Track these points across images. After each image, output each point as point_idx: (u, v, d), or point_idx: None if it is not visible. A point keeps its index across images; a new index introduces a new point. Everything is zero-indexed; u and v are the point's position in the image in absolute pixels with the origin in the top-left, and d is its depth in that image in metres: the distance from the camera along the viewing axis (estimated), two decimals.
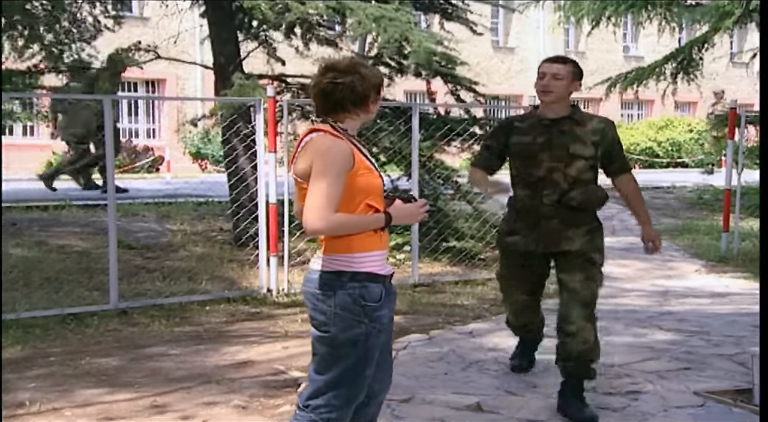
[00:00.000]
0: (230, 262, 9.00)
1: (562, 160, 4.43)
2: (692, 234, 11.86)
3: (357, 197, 3.03)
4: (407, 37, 8.77)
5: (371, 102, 3.10)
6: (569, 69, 4.45)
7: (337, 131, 3.06)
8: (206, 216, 11.53)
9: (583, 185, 4.44)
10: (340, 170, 2.96)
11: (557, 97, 4.43)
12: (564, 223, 4.47)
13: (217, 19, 9.73)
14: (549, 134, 4.46)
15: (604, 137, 4.46)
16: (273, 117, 7.81)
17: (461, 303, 7.75)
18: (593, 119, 4.50)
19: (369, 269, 3.06)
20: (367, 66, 3.14)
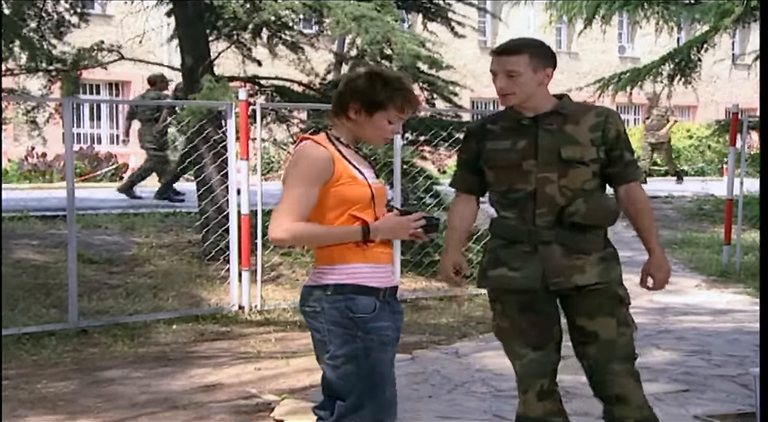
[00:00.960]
0: (199, 277, 8.96)
1: (553, 168, 3.61)
2: (692, 247, 11.91)
3: (339, 207, 3.11)
4: (390, 38, 8.78)
5: (353, 111, 3.19)
6: (526, 59, 3.58)
7: (328, 139, 3.19)
8: (173, 228, 11.47)
9: (586, 196, 3.63)
10: (311, 179, 3.08)
11: (521, 99, 3.62)
12: (568, 249, 3.64)
13: (184, 18, 9.71)
14: (531, 135, 3.64)
15: (605, 133, 3.65)
16: (245, 122, 7.80)
17: (446, 321, 7.75)
18: (589, 111, 3.70)
19: (355, 281, 3.12)
20: (362, 75, 3.23)
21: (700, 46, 14.29)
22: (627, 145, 3.72)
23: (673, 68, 14.47)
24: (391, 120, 3.21)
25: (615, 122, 3.69)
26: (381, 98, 3.17)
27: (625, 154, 3.70)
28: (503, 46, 3.66)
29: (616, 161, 3.69)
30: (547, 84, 3.66)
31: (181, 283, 8.72)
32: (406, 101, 3.22)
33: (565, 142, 3.62)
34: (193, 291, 8.49)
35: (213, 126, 9.34)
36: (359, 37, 9.01)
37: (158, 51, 20.15)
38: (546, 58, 3.65)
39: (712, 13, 13.92)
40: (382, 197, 3.25)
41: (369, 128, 3.21)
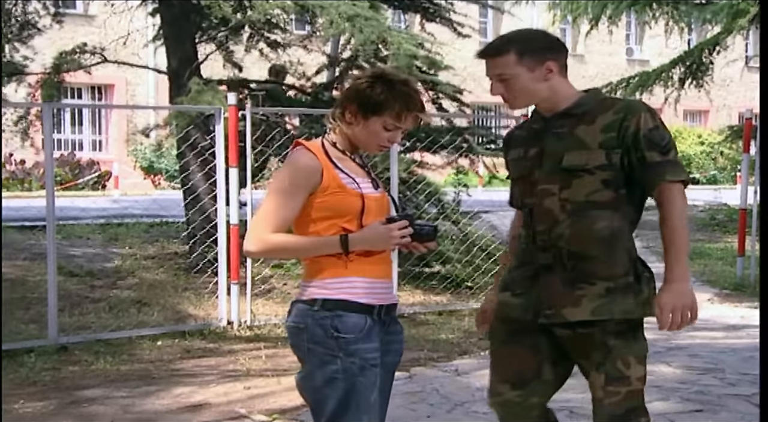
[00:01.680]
0: (185, 291, 8.95)
1: (555, 178, 3.29)
2: (704, 259, 11.91)
3: (327, 219, 3.04)
4: (385, 38, 8.80)
5: (349, 113, 3.09)
6: (513, 58, 3.25)
7: (322, 145, 3.11)
8: (159, 239, 11.47)
9: (589, 212, 3.25)
10: (294, 188, 3.01)
11: (525, 102, 3.35)
12: (571, 275, 3.27)
13: (171, 18, 9.72)
14: (541, 141, 3.36)
15: (622, 133, 3.22)
16: (235, 128, 7.79)
17: (445, 337, 7.73)
18: (612, 107, 3.28)
19: (346, 296, 3.04)
20: (367, 74, 3.14)
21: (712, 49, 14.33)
22: (653, 143, 3.21)
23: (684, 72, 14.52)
24: (387, 126, 3.07)
25: (636, 119, 3.22)
26: (377, 101, 3.05)
27: (649, 154, 3.20)
28: (486, 48, 3.32)
29: (638, 164, 3.22)
30: (555, 78, 3.28)
31: (166, 297, 8.70)
32: (405, 107, 3.06)
33: (571, 147, 3.27)
34: (179, 306, 8.47)
35: (201, 132, 9.35)
36: (353, 37, 9.03)
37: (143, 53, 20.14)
38: (542, 50, 3.28)
39: (724, 13, 13.96)
40: (381, 208, 3.13)
41: (363, 134, 3.09)
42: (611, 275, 3.23)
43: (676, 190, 3.20)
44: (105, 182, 22.22)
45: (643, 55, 32.56)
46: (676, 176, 3.21)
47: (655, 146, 3.22)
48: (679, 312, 3.13)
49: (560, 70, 3.30)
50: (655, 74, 14.58)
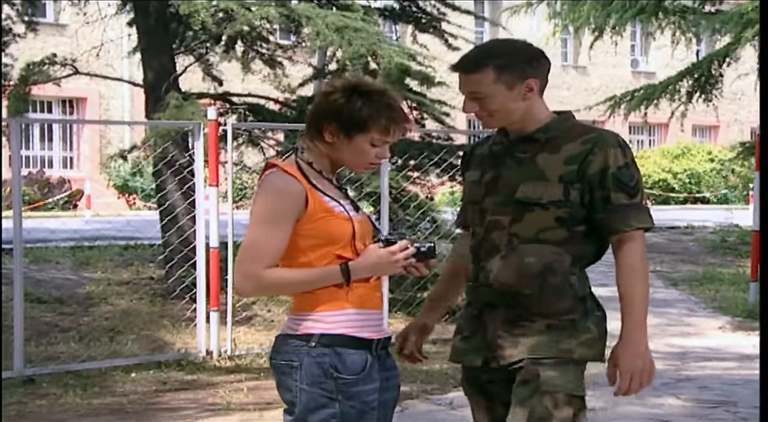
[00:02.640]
0: (162, 318, 8.92)
1: (507, 209, 3.16)
2: (715, 284, 11.93)
3: (319, 247, 2.95)
4: (375, 50, 8.82)
5: (328, 134, 2.99)
6: (491, 75, 3.11)
7: (297, 165, 3.00)
8: (134, 263, 11.44)
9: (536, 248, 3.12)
10: (281, 217, 2.91)
11: (500, 121, 3.20)
12: (514, 313, 3.16)
13: (147, 28, 9.74)
14: (499, 165, 3.23)
15: (584, 167, 3.09)
16: (215, 144, 7.80)
17: (439, 367, 7.71)
18: (581, 136, 3.15)
19: (345, 330, 2.95)
20: (338, 88, 3.02)
21: (722, 60, 14.41)
22: (620, 183, 3.08)
23: (692, 85, 14.58)
24: (374, 143, 3.00)
25: (604, 153, 3.08)
26: (361, 118, 2.96)
27: (614, 195, 3.08)
28: (461, 61, 3.18)
29: (600, 204, 3.10)
30: (534, 97, 3.16)
31: (141, 325, 8.68)
32: (392, 121, 3.00)
33: (528, 176, 3.14)
34: (155, 334, 8.44)
35: (179, 148, 9.35)
36: (341, 49, 9.05)
37: (118, 65, 20.18)
38: (523, 66, 3.13)
39: (733, 22, 14.03)
40: (366, 231, 3.07)
41: (348, 153, 3.01)
42: (552, 311, 3.12)
43: (638, 237, 3.11)
44: (76, 201, 22.19)
45: (649, 67, 32.69)
46: (642, 222, 3.11)
47: (623, 187, 3.10)
48: (637, 378, 3.08)
49: (539, 89, 3.18)
50: (662, 87, 14.64)
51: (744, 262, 12.87)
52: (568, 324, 3.11)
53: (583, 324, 3.13)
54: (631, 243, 3.09)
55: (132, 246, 12.70)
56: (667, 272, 12.66)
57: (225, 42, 9.59)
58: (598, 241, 3.18)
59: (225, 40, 9.54)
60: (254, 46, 10.08)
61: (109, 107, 24.60)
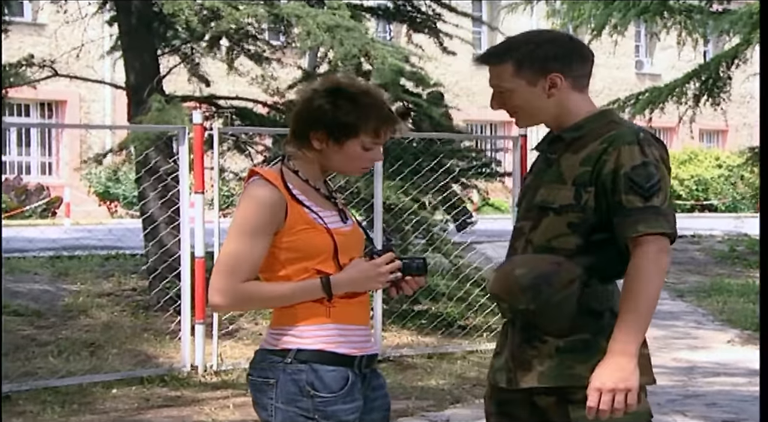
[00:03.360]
0: (144, 331, 8.90)
1: (531, 214, 3.13)
2: (723, 295, 11.93)
3: (298, 261, 2.94)
4: (368, 51, 8.83)
5: (317, 141, 2.98)
6: (510, 68, 3.08)
7: (281, 174, 2.99)
8: (115, 273, 11.42)
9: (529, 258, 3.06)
10: (259, 228, 2.90)
11: (526, 119, 3.16)
12: (523, 333, 3.09)
13: (130, 28, 9.73)
14: (536, 168, 3.24)
15: (598, 168, 3.01)
16: (200, 149, 7.79)
17: (436, 383, 7.71)
18: (601, 135, 3.05)
19: (323, 346, 2.93)
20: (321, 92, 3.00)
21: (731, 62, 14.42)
22: (634, 185, 2.95)
23: (699, 87, 14.59)
24: (366, 146, 2.99)
25: (618, 152, 2.98)
26: (350, 122, 2.95)
27: (626, 198, 2.95)
28: (485, 52, 3.18)
29: (614, 209, 2.97)
30: (563, 93, 3.08)
31: (123, 339, 8.66)
32: (381, 122, 2.99)
33: (549, 179, 3.10)
34: (137, 348, 8.42)
35: (162, 154, 9.34)
36: (333, 50, 9.05)
37: (98, 66, 20.18)
38: (547, 60, 3.07)
39: (742, 22, 14.04)
40: (354, 243, 3.03)
41: (340, 159, 3.00)
42: (559, 331, 3.00)
43: (651, 245, 2.92)
44: (55, 209, 22.15)
45: (654, 69, 32.75)
46: (654, 227, 2.93)
47: (637, 189, 2.95)
48: (610, 396, 2.86)
49: (573, 84, 3.10)
50: (668, 90, 14.66)
51: (753, 272, 12.88)
52: (580, 346, 2.99)
53: (598, 345, 2.96)
54: (640, 249, 2.92)
55: (113, 256, 12.68)
56: (673, 284, 12.66)
57: (208, 41, 9.58)
58: (620, 252, 3.00)
59: (208, 39, 9.52)
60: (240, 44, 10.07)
61: (89, 110, 24.57)
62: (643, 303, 2.91)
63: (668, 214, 2.97)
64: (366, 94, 3.00)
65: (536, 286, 2.95)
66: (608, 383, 2.86)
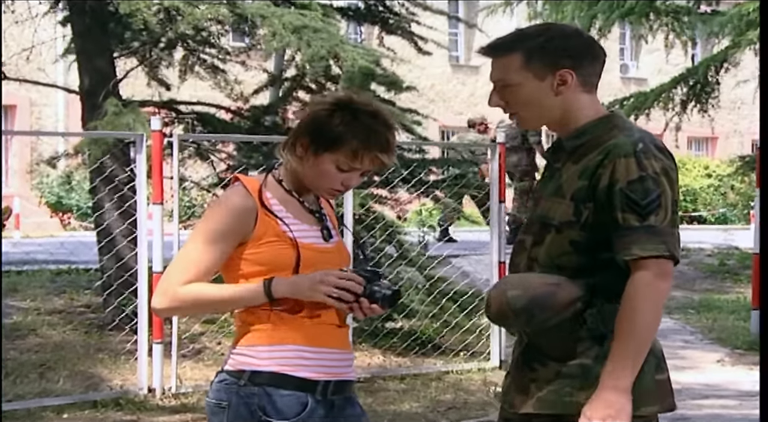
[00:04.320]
0: (99, 351, 8.85)
1: (532, 228, 3.10)
2: (712, 312, 11.97)
3: (260, 274, 2.92)
4: (337, 53, 8.83)
5: (300, 146, 2.97)
6: (518, 60, 3.01)
7: (264, 182, 2.99)
8: (67, 290, 11.35)
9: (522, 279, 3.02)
10: (220, 234, 2.90)
11: (532, 118, 3.11)
12: (524, 353, 3.10)
13: (84, 28, 9.70)
14: (543, 177, 3.22)
15: (594, 182, 2.96)
16: (159, 157, 7.77)
17: (409, 407, 7.70)
18: (603, 143, 3.00)
19: (279, 368, 2.91)
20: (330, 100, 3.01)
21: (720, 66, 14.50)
22: (630, 202, 2.89)
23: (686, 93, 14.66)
24: (341, 166, 2.95)
25: (613, 165, 2.92)
26: (333, 134, 2.92)
27: (622, 216, 2.90)
28: (491, 43, 3.11)
29: (611, 226, 2.93)
30: (570, 92, 3.03)
31: (75, 359, 8.60)
32: (364, 146, 2.93)
33: (551, 191, 3.06)
34: (90, 370, 8.37)
35: (118, 162, 9.30)
36: (300, 52, 9.05)
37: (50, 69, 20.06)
38: (558, 54, 3.01)
39: (732, 25, 14.13)
40: (330, 262, 2.98)
41: (312, 174, 2.98)
42: (559, 354, 2.99)
43: (646, 270, 2.89)
44: (4, 221, 22.00)
45: (640, 73, 32.92)
46: (647, 250, 2.87)
47: (632, 206, 2.90)
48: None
49: (582, 83, 3.04)
50: (654, 95, 14.72)
51: (744, 288, 12.92)
52: (579, 372, 2.96)
53: (597, 371, 2.92)
54: (635, 274, 2.89)
55: (65, 271, 12.59)
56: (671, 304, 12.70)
57: (166, 42, 9.55)
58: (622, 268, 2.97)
59: (166, 41, 9.50)
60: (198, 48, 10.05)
61: (41, 115, 24.45)
62: (637, 332, 2.88)
63: (666, 234, 2.91)
64: (370, 115, 2.96)
65: (528, 310, 2.92)
66: (594, 419, 2.86)
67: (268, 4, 9.17)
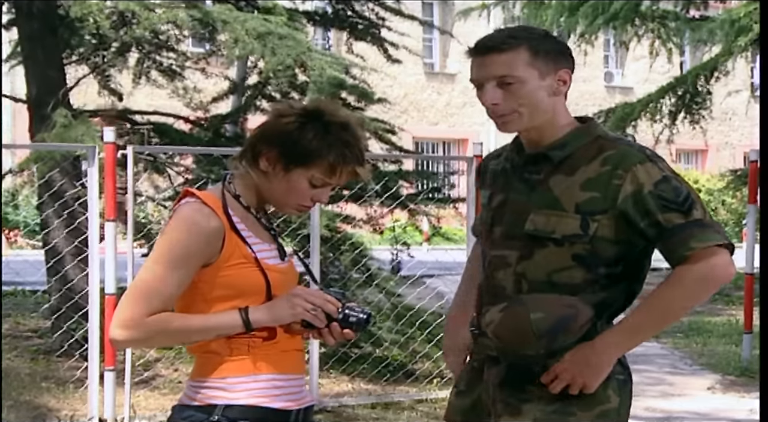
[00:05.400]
0: (46, 379, 8.81)
1: (515, 243, 3.09)
2: (702, 336, 12.02)
3: (228, 299, 2.89)
4: (304, 61, 8.84)
5: (265, 160, 2.93)
6: (525, 56, 3.04)
7: (222, 198, 2.94)
8: (12, 313, 11.31)
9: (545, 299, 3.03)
10: (184, 257, 2.84)
11: (529, 120, 3.09)
12: (513, 373, 3.11)
13: (32, 33, 9.67)
14: (508, 187, 3.17)
15: (612, 193, 2.98)
16: (113, 171, 7.75)
17: None
18: (601, 153, 3.05)
19: (253, 400, 2.89)
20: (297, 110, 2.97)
21: (710, 75, 14.57)
22: (666, 202, 2.94)
23: (675, 103, 14.71)
24: (314, 182, 2.93)
25: (631, 174, 2.97)
26: (307, 149, 2.89)
27: (664, 217, 2.94)
28: (488, 39, 3.10)
29: (653, 234, 2.97)
30: (562, 95, 3.13)
31: (20, 388, 8.56)
32: (342, 160, 2.91)
33: (540, 203, 3.06)
34: (36, 400, 8.33)
35: (68, 176, 9.27)
36: (264, 59, 9.06)
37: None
38: (557, 54, 3.09)
39: (723, 31, 14.18)
40: (290, 283, 2.99)
41: (280, 189, 2.95)
42: None
43: (710, 256, 2.92)
44: None
45: (626, 82, 33.15)
46: (709, 239, 2.92)
47: (671, 205, 2.95)
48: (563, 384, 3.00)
49: (568, 87, 3.16)
50: (641, 105, 14.79)
51: (736, 310, 12.99)
52: (582, 396, 3.01)
53: (600, 391, 3.01)
54: (697, 265, 2.93)
55: (11, 293, 12.55)
56: None
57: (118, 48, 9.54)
58: (629, 287, 3.08)
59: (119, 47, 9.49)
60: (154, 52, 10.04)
61: None
62: (666, 315, 2.99)
63: (715, 225, 2.98)
64: (342, 127, 2.94)
65: (553, 333, 2.99)
66: (570, 370, 2.99)
67: (231, 9, 9.20)
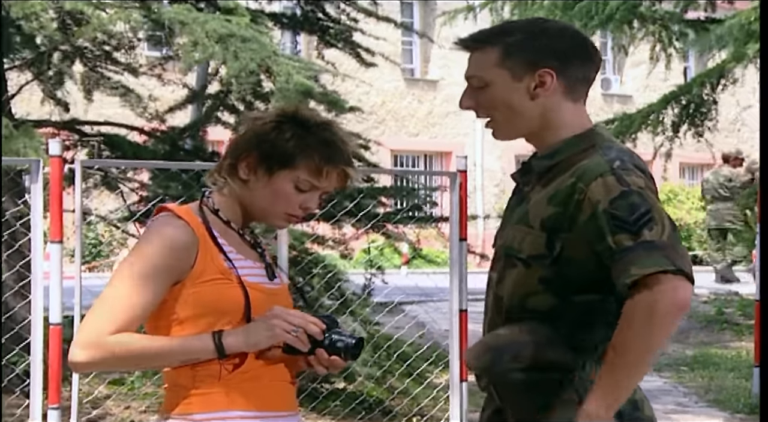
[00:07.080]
0: None
1: (497, 262, 3.15)
2: (709, 370, 12.03)
3: (198, 317, 2.89)
4: (269, 66, 8.85)
5: (245, 166, 2.97)
6: (495, 55, 3.02)
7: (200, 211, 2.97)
8: None
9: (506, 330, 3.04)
10: (154, 271, 2.85)
11: (506, 124, 3.09)
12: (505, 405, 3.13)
13: None
14: (510, 203, 3.23)
15: (571, 210, 2.94)
16: (59, 187, 7.73)
17: None
18: (575, 165, 2.99)
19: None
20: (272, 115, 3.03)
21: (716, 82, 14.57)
22: (617, 221, 2.86)
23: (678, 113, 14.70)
24: (300, 186, 2.95)
25: (589, 190, 2.90)
26: (288, 149, 2.92)
27: (614, 239, 2.86)
28: (468, 36, 3.13)
29: (606, 258, 2.89)
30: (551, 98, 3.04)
31: None
32: (328, 160, 2.95)
33: (515, 219, 3.08)
34: None
35: (9, 193, 9.24)
36: (225, 65, 9.06)
37: None
38: (540, 51, 3.03)
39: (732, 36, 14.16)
40: (277, 303, 2.96)
41: (264, 196, 2.96)
42: (529, 417, 3.04)
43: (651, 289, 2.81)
44: None
45: (625, 89, 33.24)
46: (646, 266, 2.81)
47: (621, 224, 2.86)
48: None
49: (566, 89, 3.05)
50: (641, 117, 14.76)
51: (746, 341, 12.99)
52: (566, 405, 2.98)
53: None
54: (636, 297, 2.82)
55: None
56: None
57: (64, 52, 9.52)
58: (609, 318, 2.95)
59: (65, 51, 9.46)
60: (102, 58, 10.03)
61: None
62: (629, 362, 2.87)
63: (667, 247, 2.86)
64: (322, 127, 2.99)
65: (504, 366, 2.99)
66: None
67: (189, 9, 9.19)
